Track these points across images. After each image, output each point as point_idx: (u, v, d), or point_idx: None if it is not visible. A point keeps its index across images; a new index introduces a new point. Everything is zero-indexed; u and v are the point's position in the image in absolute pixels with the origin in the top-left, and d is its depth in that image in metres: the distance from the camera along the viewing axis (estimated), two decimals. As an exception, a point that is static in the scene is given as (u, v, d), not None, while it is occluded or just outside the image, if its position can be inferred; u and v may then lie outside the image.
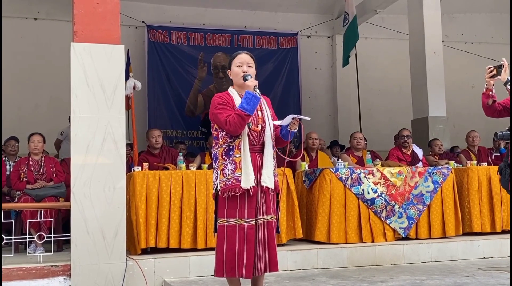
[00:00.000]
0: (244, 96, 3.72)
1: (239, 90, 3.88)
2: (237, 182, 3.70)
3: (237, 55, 3.93)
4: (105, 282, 4.91)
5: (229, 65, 3.97)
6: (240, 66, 3.87)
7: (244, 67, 3.86)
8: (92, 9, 5.15)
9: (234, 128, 3.70)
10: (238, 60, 3.89)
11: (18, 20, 9.83)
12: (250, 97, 3.69)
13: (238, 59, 3.90)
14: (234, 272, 3.72)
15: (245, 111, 3.66)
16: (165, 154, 6.87)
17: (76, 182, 4.93)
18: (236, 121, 3.67)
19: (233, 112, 3.70)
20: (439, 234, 6.36)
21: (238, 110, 3.68)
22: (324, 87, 11.67)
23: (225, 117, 3.71)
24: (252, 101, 3.69)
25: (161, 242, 5.53)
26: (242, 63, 3.87)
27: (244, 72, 3.84)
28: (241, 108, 3.68)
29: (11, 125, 8.89)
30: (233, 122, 3.68)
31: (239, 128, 3.71)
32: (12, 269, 4.84)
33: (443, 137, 9.02)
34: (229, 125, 3.70)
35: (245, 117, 3.67)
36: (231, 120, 3.68)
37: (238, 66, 3.87)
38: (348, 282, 4.93)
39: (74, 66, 5.04)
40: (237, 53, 3.96)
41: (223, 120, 3.72)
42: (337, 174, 6.14)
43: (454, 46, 11.37)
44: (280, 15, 11.35)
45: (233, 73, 3.90)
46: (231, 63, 3.94)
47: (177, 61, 10.53)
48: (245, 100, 3.70)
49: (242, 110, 3.67)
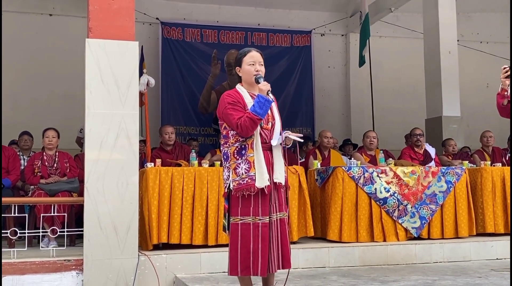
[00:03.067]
0: (257, 99, 3.71)
1: (249, 88, 3.87)
2: (252, 181, 3.71)
3: (248, 53, 3.88)
4: (117, 277, 4.95)
5: (237, 61, 3.91)
6: (253, 64, 3.84)
7: (256, 66, 3.84)
8: (107, 5, 5.18)
9: (246, 131, 3.70)
10: (250, 58, 3.85)
11: (33, 16, 9.90)
12: (263, 102, 3.69)
13: (250, 57, 3.86)
14: (249, 270, 3.72)
15: (257, 115, 3.67)
16: (177, 150, 6.89)
17: (90, 177, 4.97)
18: (248, 125, 3.67)
19: (245, 115, 3.69)
20: (452, 235, 6.32)
21: (251, 114, 3.67)
22: (337, 85, 11.63)
23: (237, 119, 3.70)
24: (265, 106, 3.69)
25: (173, 238, 5.55)
26: (255, 62, 3.84)
27: (257, 71, 3.82)
28: (253, 112, 3.67)
29: (26, 120, 9.00)
30: (244, 126, 3.68)
31: (250, 131, 3.72)
32: (25, 262, 4.88)
33: (457, 137, 8.96)
34: (240, 129, 3.70)
35: (257, 121, 3.69)
36: (243, 124, 3.68)
37: (250, 64, 3.84)
38: (359, 281, 4.91)
39: (89, 62, 5.07)
40: (247, 50, 3.91)
41: (235, 123, 3.71)
42: (350, 172, 6.12)
43: (469, 45, 11.28)
44: (294, 12, 11.31)
45: (245, 71, 3.86)
46: (240, 60, 3.88)
47: (191, 58, 10.54)
48: (258, 104, 3.68)
49: (254, 114, 3.66)
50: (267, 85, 3.74)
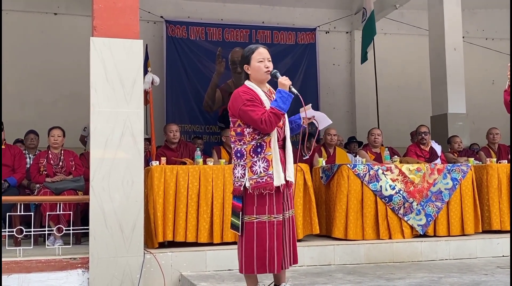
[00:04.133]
0: (279, 95, 3.72)
1: (258, 85, 3.86)
2: (270, 180, 3.72)
3: (256, 50, 3.87)
4: (122, 275, 4.96)
5: (245, 59, 3.89)
6: (262, 61, 3.84)
7: (266, 63, 3.84)
8: (112, 4, 5.19)
9: (270, 126, 3.70)
10: (259, 55, 3.85)
11: (38, 15, 9.93)
12: (286, 96, 3.71)
13: (258, 53, 3.85)
14: (265, 268, 3.74)
15: (281, 110, 3.69)
16: (182, 148, 6.90)
17: (95, 176, 4.98)
18: (272, 120, 3.68)
19: (268, 111, 3.69)
20: (458, 232, 6.30)
21: (275, 109, 3.68)
22: (342, 83, 11.61)
23: (261, 115, 3.68)
24: (288, 100, 3.72)
25: (179, 236, 5.55)
26: (264, 59, 3.84)
27: (267, 67, 3.83)
28: (277, 107, 3.68)
29: (31, 119, 9.03)
30: (269, 121, 3.67)
31: (274, 127, 3.74)
32: (31, 261, 4.90)
33: (463, 134, 8.94)
34: (265, 124, 3.68)
35: (281, 116, 3.72)
36: (267, 119, 3.67)
37: (260, 61, 3.84)
38: (365, 279, 4.90)
39: (94, 60, 5.08)
40: (255, 47, 3.90)
41: (258, 118, 3.69)
42: (355, 170, 6.11)
43: (475, 42, 11.25)
44: (299, 10, 11.31)
45: (254, 68, 3.85)
46: (249, 58, 3.86)
47: (195, 56, 10.55)
48: (281, 99, 3.70)
49: (278, 109, 3.68)
50: (287, 79, 3.77)
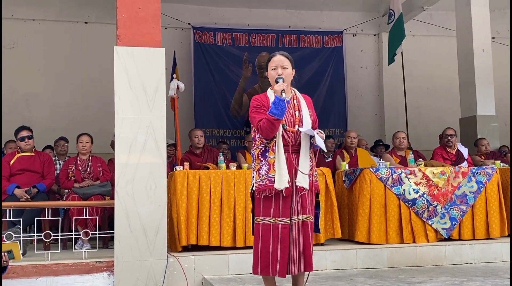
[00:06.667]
0: (273, 101, 3.79)
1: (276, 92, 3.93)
2: (270, 183, 3.78)
3: (272, 58, 3.98)
4: (147, 278, 5.06)
5: (265, 67, 4.04)
6: (275, 69, 3.92)
7: (278, 70, 3.91)
8: (135, 13, 5.31)
9: (266, 133, 3.79)
10: (272, 63, 3.95)
11: (69, 24, 10.15)
12: (278, 102, 3.75)
13: (272, 62, 3.95)
14: (268, 270, 3.80)
15: (274, 116, 3.72)
16: (206, 153, 7.00)
17: (120, 181, 5.10)
18: (266, 126, 3.75)
19: (264, 117, 3.77)
20: (483, 235, 6.23)
21: (268, 115, 3.74)
22: (370, 85, 11.56)
23: (257, 122, 3.81)
24: (280, 105, 3.73)
25: (202, 240, 5.63)
26: (277, 66, 3.92)
27: (279, 75, 3.89)
28: (270, 113, 3.74)
29: (63, 125, 9.26)
30: (263, 127, 3.76)
31: (270, 133, 3.78)
32: (58, 264, 5.04)
33: (492, 136, 8.82)
34: (260, 130, 3.80)
35: (274, 122, 3.73)
36: (262, 125, 3.77)
37: (273, 69, 3.93)
38: (386, 283, 4.90)
39: (117, 69, 5.22)
40: (272, 55, 4.01)
41: (256, 125, 3.83)
42: (377, 174, 6.10)
43: (506, 42, 11.05)
44: (325, 13, 11.31)
45: (269, 76, 3.97)
46: (267, 66, 4.00)
47: (222, 62, 10.65)
48: (273, 105, 3.76)
49: (271, 115, 3.73)
50: (281, 85, 3.80)
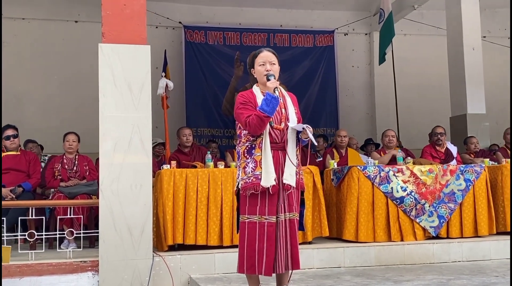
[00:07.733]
0: (264, 97, 3.74)
1: (263, 89, 3.90)
2: (257, 180, 3.74)
3: (259, 53, 3.93)
4: (132, 278, 5.02)
5: (251, 63, 3.97)
6: (263, 64, 3.88)
7: (267, 66, 3.87)
8: (119, 10, 5.26)
9: (254, 129, 3.74)
10: (260, 59, 3.91)
11: (59, 22, 10.10)
12: (270, 99, 3.71)
13: (260, 57, 3.91)
14: (254, 269, 3.76)
15: (264, 113, 3.69)
16: (195, 152, 6.97)
17: (104, 180, 5.06)
18: (255, 122, 3.71)
19: (253, 114, 3.73)
20: (471, 233, 6.22)
21: (258, 111, 3.70)
22: (361, 84, 11.53)
23: (246, 117, 3.76)
24: (272, 103, 3.70)
25: (189, 239, 5.59)
26: (265, 62, 3.89)
27: (267, 71, 3.86)
28: (260, 109, 3.70)
29: (54, 125, 9.21)
30: (252, 124, 3.72)
31: (258, 129, 3.75)
32: (42, 264, 4.98)
33: (482, 135, 8.81)
34: (249, 127, 3.75)
35: (264, 118, 3.70)
36: (251, 122, 3.72)
37: (261, 65, 3.89)
38: (372, 281, 4.88)
39: (102, 66, 5.16)
40: (258, 51, 3.96)
41: (244, 120, 3.77)
42: (365, 172, 6.08)
43: (496, 41, 11.07)
44: (317, 13, 11.27)
45: (257, 72, 3.92)
46: (253, 62, 3.94)
47: (214, 61, 10.60)
48: (264, 102, 3.72)
49: (261, 111, 3.69)
50: (274, 82, 3.77)
